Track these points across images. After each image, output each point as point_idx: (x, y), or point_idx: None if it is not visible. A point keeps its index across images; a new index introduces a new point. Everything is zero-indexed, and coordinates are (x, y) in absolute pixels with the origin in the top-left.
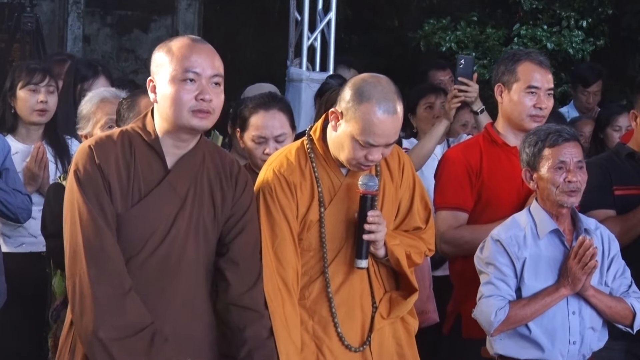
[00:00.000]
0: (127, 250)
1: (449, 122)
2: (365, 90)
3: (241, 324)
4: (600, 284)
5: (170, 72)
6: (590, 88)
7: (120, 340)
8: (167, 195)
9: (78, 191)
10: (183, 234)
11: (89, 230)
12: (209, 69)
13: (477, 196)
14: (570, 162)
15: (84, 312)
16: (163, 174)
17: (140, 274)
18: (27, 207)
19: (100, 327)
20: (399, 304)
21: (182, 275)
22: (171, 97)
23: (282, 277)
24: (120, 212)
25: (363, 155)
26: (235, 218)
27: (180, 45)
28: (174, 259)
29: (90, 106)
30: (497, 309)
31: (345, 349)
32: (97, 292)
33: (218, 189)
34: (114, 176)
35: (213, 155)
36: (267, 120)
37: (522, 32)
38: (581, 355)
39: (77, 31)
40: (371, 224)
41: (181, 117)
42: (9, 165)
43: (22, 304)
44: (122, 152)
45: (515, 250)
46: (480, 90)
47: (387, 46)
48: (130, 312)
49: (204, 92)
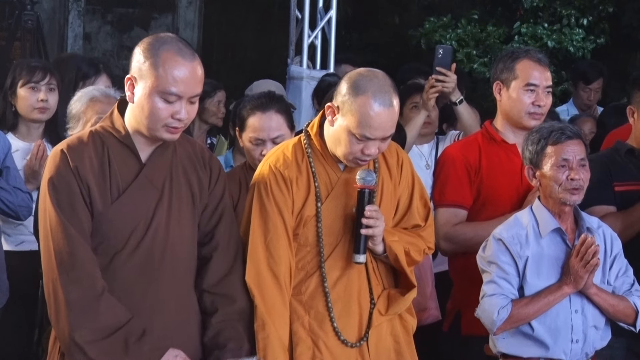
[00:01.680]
0: (110, 247)
1: (427, 113)
2: (361, 84)
3: (213, 309)
4: (602, 283)
5: (152, 85)
6: (592, 85)
7: (97, 342)
8: (145, 188)
9: (49, 198)
10: (164, 225)
11: (59, 237)
12: (189, 92)
13: (476, 193)
14: (573, 160)
15: (59, 317)
16: (138, 169)
17: (126, 269)
18: (28, 205)
19: (76, 330)
20: (397, 301)
21: (167, 268)
22: (149, 109)
23: (273, 271)
24: (102, 210)
25: (360, 150)
26: (212, 207)
27: (167, 60)
28: (157, 251)
29: (79, 105)
30: (500, 307)
31: (341, 344)
32: (70, 296)
33: (194, 175)
34: (91, 176)
35: (183, 144)
36: (264, 122)
37: (523, 30)
38: (584, 353)
39: (77, 29)
40: (369, 218)
41: (154, 129)
42: (10, 163)
43: (22, 304)
44: (95, 152)
45: (518, 249)
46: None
47: (388, 44)
48: (104, 313)
49: (180, 112)
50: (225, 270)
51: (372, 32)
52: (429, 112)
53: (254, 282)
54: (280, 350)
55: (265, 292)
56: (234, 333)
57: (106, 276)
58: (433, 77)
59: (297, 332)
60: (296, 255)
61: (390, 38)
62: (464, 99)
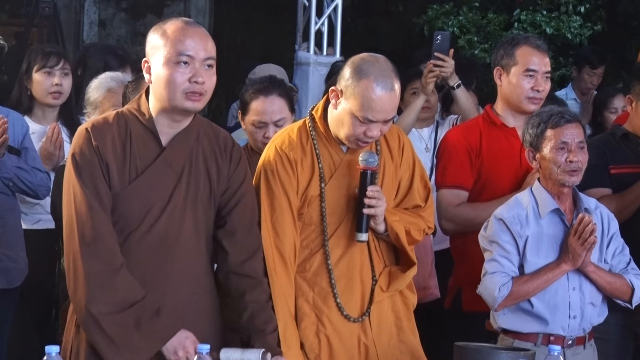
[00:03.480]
0: (126, 226)
1: (425, 97)
2: (363, 68)
3: (241, 290)
4: (600, 261)
5: (165, 55)
6: (597, 70)
7: (111, 315)
8: (163, 171)
9: (74, 174)
10: (180, 208)
11: (82, 211)
12: (202, 52)
13: (477, 175)
14: (572, 142)
15: (77, 288)
16: (158, 152)
17: (140, 248)
18: (46, 184)
19: (92, 302)
20: (398, 278)
21: (180, 249)
22: (165, 79)
23: (279, 249)
24: (119, 190)
25: (362, 132)
26: (231, 191)
27: (174, 29)
28: (172, 232)
29: (97, 95)
30: (501, 284)
31: (344, 319)
32: (88, 269)
33: (213, 163)
34: (111, 156)
35: (207, 132)
36: (267, 105)
37: (522, 18)
38: (581, 329)
39: (93, 16)
40: (371, 198)
41: (175, 98)
42: (28, 144)
43: (38, 280)
44: (118, 133)
45: (518, 229)
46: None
47: (392, 31)
48: (121, 288)
49: (197, 74)
50: (249, 252)
51: (376, 19)
52: (428, 96)
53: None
54: (292, 324)
55: (271, 268)
56: (268, 316)
57: (122, 253)
58: (431, 62)
59: (301, 307)
60: (301, 233)
61: (394, 25)
62: (461, 83)
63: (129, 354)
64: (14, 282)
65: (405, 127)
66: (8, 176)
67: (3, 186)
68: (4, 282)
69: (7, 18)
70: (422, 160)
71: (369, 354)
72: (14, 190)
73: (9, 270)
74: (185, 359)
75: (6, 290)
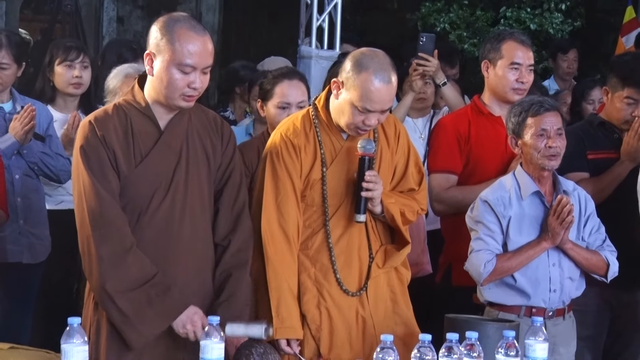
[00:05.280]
0: (136, 207)
1: (414, 94)
2: (363, 62)
3: (219, 260)
4: (577, 239)
5: (168, 59)
6: (569, 54)
7: (125, 292)
8: (164, 153)
9: (82, 164)
10: (182, 184)
11: (91, 198)
12: (203, 63)
13: (466, 160)
14: (551, 129)
15: (92, 269)
16: (158, 136)
17: (151, 227)
18: (68, 169)
19: (106, 281)
20: (393, 255)
21: (186, 224)
22: (167, 80)
23: (283, 228)
24: (127, 173)
25: (361, 121)
26: (223, 167)
27: (182, 34)
28: (178, 208)
29: (116, 82)
30: (486, 261)
31: (343, 293)
32: (101, 251)
33: (208, 140)
34: (116, 143)
35: (197, 112)
36: (291, 88)
37: (508, 14)
38: (561, 301)
39: (111, 13)
40: (369, 182)
41: (173, 98)
42: (52, 131)
43: (63, 257)
44: (119, 122)
45: (502, 210)
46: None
47: (388, 26)
48: (132, 266)
49: (195, 81)
50: (230, 226)
51: (373, 15)
52: (416, 93)
53: (267, 238)
54: (290, 296)
55: (276, 246)
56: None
57: (134, 234)
58: (414, 61)
59: (304, 282)
60: (304, 214)
61: (389, 21)
62: (447, 82)
63: (143, 328)
64: (39, 257)
65: None
66: (34, 160)
67: (29, 169)
68: (30, 258)
69: (32, 15)
70: (417, 148)
71: (366, 325)
72: (38, 174)
73: (34, 247)
74: (192, 332)
75: (32, 265)
